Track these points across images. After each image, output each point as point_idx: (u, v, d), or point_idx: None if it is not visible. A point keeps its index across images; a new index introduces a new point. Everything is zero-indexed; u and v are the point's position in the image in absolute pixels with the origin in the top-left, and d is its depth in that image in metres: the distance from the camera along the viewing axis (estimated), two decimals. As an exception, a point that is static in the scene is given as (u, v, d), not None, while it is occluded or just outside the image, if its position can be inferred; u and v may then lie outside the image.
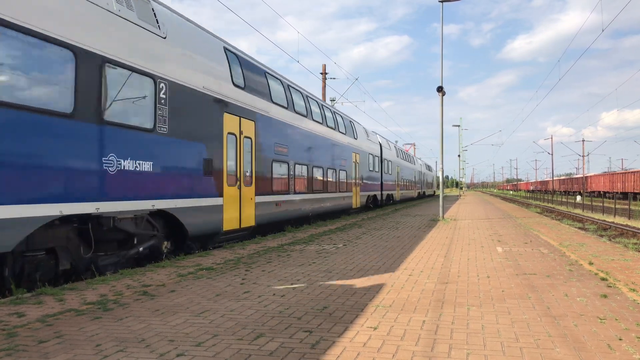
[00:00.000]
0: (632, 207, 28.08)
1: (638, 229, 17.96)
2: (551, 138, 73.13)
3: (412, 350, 3.85)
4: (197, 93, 9.53)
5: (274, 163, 13.40)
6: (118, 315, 4.94)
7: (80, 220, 6.95)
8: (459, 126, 67.03)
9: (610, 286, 6.18)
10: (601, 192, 58.79)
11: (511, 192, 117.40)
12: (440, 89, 19.42)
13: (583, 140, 67.41)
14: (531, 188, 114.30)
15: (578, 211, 32.38)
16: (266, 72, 13.56)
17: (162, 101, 8.41)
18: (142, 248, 8.24)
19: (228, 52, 11.24)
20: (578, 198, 46.05)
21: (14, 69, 5.78)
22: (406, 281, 6.62)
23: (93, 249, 7.14)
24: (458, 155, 66.12)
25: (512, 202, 46.78)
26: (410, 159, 44.18)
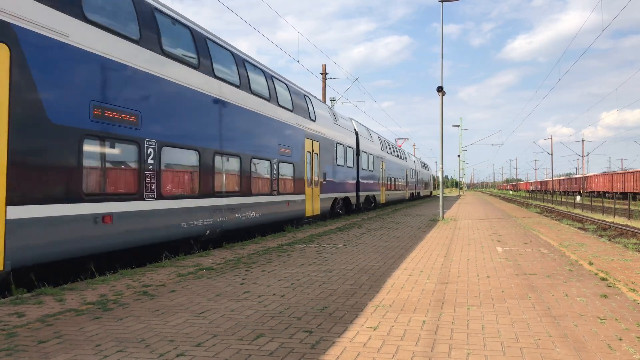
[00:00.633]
0: (632, 207, 28.09)
1: (638, 229, 17.96)
2: (551, 138, 73.17)
3: (412, 350, 3.85)
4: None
5: None
6: (118, 315, 4.93)
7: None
8: (459, 126, 67.06)
9: (610, 286, 6.18)
10: (601, 192, 58.81)
11: (511, 192, 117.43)
12: (440, 89, 19.42)
13: (583, 140, 67.43)
14: (531, 188, 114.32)
15: (578, 211, 32.38)
16: None
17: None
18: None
19: None
20: (578, 198, 46.07)
21: None
22: (406, 281, 6.62)
23: None
24: (458, 155, 66.07)
25: (512, 202, 46.78)
26: (401, 155, 38.98)
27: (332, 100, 33.40)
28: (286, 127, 14.83)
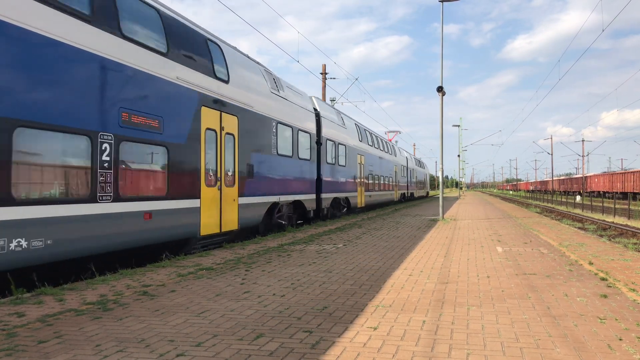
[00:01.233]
0: (632, 207, 28.10)
1: (638, 229, 17.96)
2: (551, 138, 73.17)
3: (412, 350, 3.85)
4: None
5: None
6: (118, 315, 4.93)
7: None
8: (459, 126, 67.04)
9: (610, 286, 6.18)
10: (601, 192, 58.82)
11: (511, 192, 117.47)
12: (440, 89, 19.42)
13: (583, 140, 67.42)
14: (531, 188, 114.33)
15: (578, 211, 32.39)
16: None
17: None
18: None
19: None
20: (578, 198, 46.09)
21: None
22: (406, 281, 6.62)
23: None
24: (458, 155, 65.98)
25: (512, 202, 46.79)
26: (389, 148, 32.96)
27: (332, 100, 33.36)
28: (143, 79, 8.19)
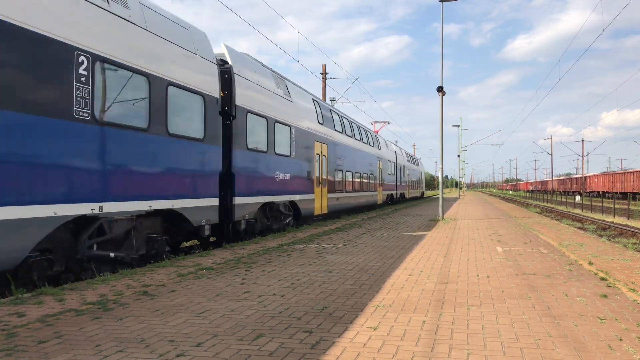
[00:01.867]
0: (631, 207, 28.10)
1: (637, 229, 17.97)
2: (551, 138, 73.19)
3: (412, 350, 3.85)
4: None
5: None
6: (118, 315, 4.93)
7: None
8: (459, 126, 67.09)
9: (610, 286, 6.18)
10: (600, 192, 58.82)
11: (511, 192, 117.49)
12: (440, 89, 19.42)
13: (583, 140, 67.44)
14: (531, 188, 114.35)
15: (577, 211, 32.39)
16: None
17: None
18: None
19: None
20: (577, 198, 46.09)
21: None
22: (406, 281, 6.62)
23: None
24: (458, 155, 66.00)
25: (512, 202, 46.80)
26: (369, 139, 26.89)
27: (332, 100, 33.38)
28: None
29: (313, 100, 17.87)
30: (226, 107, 11.07)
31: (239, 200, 11.41)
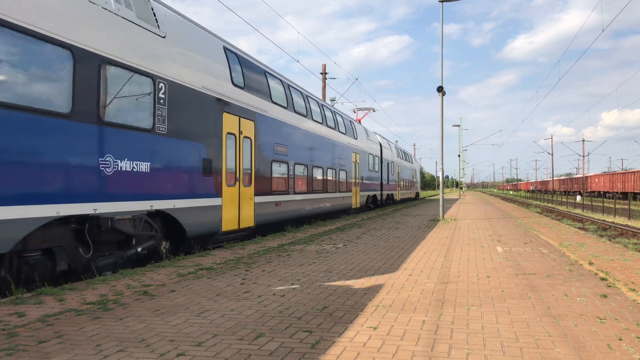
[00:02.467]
0: (632, 207, 28.09)
1: (638, 229, 17.96)
2: (551, 138, 73.16)
3: (412, 350, 3.85)
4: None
5: None
6: (118, 315, 4.94)
7: None
8: (459, 126, 67.04)
9: (610, 286, 6.18)
10: (601, 192, 58.80)
11: (511, 192, 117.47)
12: (440, 89, 19.42)
13: (583, 140, 67.44)
14: (531, 188, 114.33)
15: (578, 211, 32.38)
16: None
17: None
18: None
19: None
20: (578, 198, 46.08)
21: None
22: (406, 281, 6.62)
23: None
24: (458, 155, 65.91)
25: (512, 202, 46.79)
26: (337, 123, 20.77)
27: (332, 100, 33.37)
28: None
29: (225, 48, 11.52)
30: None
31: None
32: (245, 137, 11.93)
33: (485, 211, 25.61)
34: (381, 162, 29.92)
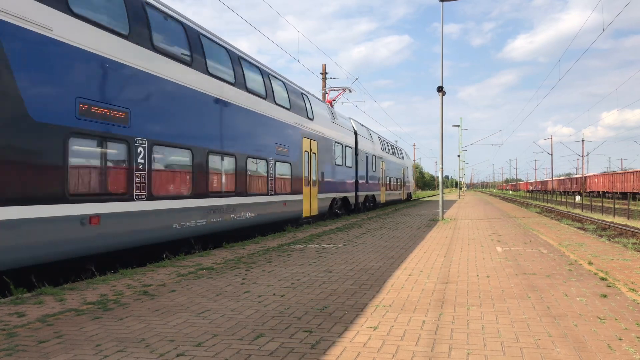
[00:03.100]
0: (631, 207, 28.11)
1: (637, 229, 17.97)
2: (551, 138, 73.17)
3: (412, 350, 3.85)
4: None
5: None
6: (118, 315, 4.94)
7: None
8: (459, 126, 67.04)
9: (609, 286, 6.18)
10: (600, 192, 58.83)
11: (511, 192, 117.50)
12: (440, 89, 19.42)
13: (583, 140, 67.42)
14: (531, 188, 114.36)
15: (577, 211, 32.39)
16: None
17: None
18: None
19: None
20: (577, 198, 46.09)
21: None
22: (406, 281, 6.62)
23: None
24: (458, 155, 65.88)
25: (512, 202, 46.79)
26: (269, 90, 14.03)
27: (332, 100, 33.33)
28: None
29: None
30: None
31: None
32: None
33: (484, 211, 25.61)
34: (356, 155, 23.83)
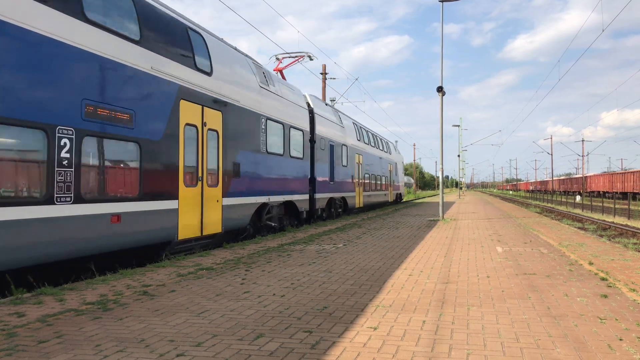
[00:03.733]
0: (632, 207, 28.10)
1: (637, 229, 17.96)
2: (551, 138, 73.18)
3: (412, 350, 3.85)
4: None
5: None
6: (118, 315, 4.93)
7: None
8: (459, 126, 67.02)
9: (610, 286, 6.18)
10: (601, 192, 58.81)
11: (511, 192, 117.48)
12: (440, 89, 19.42)
13: (583, 140, 67.44)
14: (531, 188, 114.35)
15: (578, 211, 32.38)
16: None
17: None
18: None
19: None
20: (577, 198, 46.09)
21: None
22: (406, 281, 6.62)
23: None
24: (458, 155, 65.85)
25: (512, 202, 46.79)
26: (140, 30, 7.96)
27: (333, 100, 33.37)
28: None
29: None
30: None
31: None
32: None
33: (485, 211, 25.61)
34: (312, 142, 17.50)
